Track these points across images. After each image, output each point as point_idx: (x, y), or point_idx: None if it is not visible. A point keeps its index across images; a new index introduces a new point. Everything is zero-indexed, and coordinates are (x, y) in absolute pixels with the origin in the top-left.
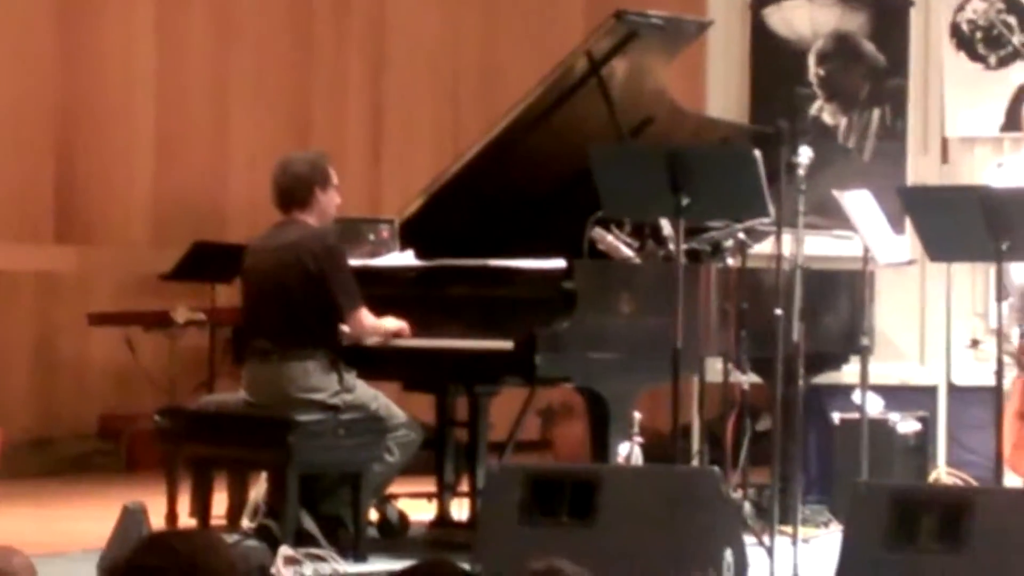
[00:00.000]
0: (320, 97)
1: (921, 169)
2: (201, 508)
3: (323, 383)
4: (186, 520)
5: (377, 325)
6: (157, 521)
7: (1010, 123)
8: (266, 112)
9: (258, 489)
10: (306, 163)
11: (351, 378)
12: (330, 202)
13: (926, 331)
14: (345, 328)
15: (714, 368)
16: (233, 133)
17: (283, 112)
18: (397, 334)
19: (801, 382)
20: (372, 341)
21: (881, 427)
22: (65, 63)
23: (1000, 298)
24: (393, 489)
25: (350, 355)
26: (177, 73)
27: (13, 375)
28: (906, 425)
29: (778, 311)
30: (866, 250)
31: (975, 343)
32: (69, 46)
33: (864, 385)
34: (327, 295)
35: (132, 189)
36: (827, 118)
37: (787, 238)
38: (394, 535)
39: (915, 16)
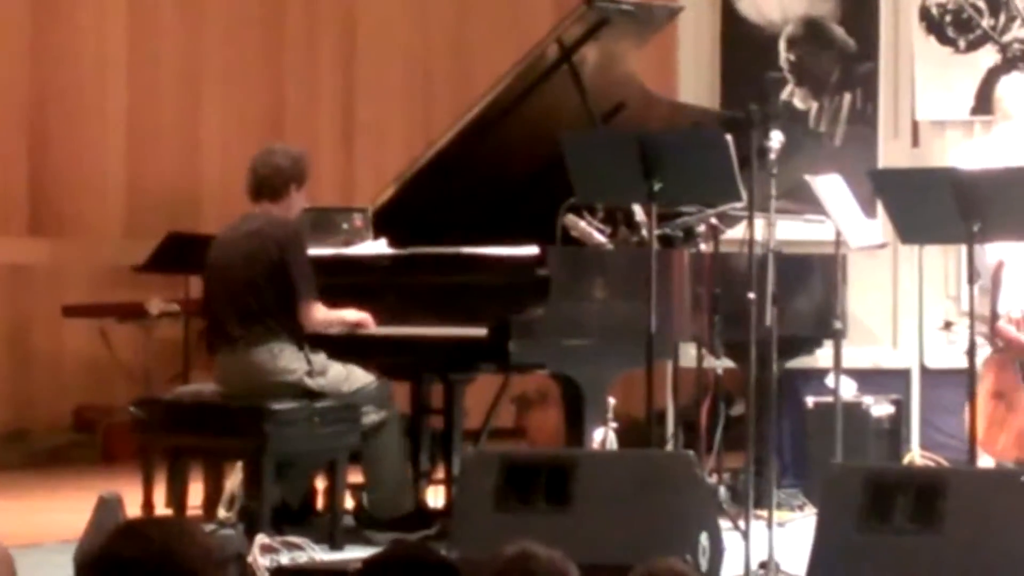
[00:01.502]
0: (292, 87)
1: (892, 153)
2: (177, 498)
3: (291, 364)
4: (162, 510)
5: (328, 317)
6: (133, 511)
7: (980, 106)
8: (238, 102)
9: (233, 479)
10: (288, 157)
11: (320, 359)
12: (299, 201)
13: (898, 314)
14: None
15: (688, 353)
16: (205, 124)
17: (255, 102)
18: (357, 325)
19: (775, 366)
20: (334, 330)
21: (855, 410)
22: (36, 55)
23: (972, 280)
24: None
25: (326, 342)
26: (149, 64)
27: None
28: (879, 408)
29: (751, 295)
30: (838, 234)
31: (948, 325)
32: (41, 38)
33: (837, 369)
34: (288, 280)
35: (105, 180)
36: (798, 103)
37: (759, 223)
38: (369, 523)
39: (884, 0)
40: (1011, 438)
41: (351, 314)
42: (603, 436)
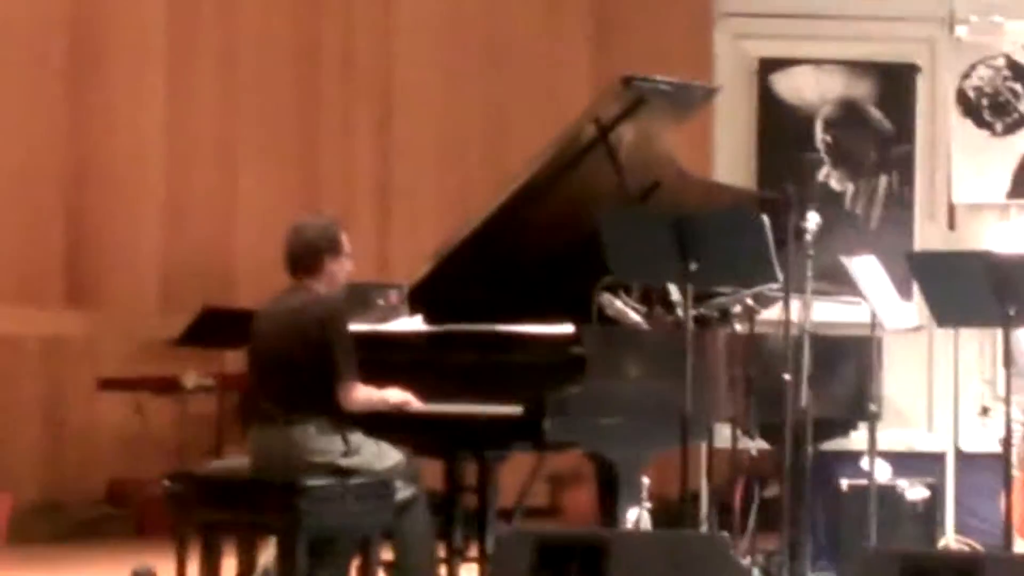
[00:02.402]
0: (327, 158)
1: (928, 236)
2: (210, 573)
3: (327, 446)
4: None
5: (370, 398)
6: None
7: (1016, 189)
8: (274, 175)
9: (267, 554)
10: (317, 230)
11: (356, 438)
12: (340, 269)
13: (934, 397)
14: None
15: (722, 434)
16: (241, 197)
17: (291, 174)
18: (400, 406)
19: (809, 448)
20: (376, 410)
21: (889, 493)
22: (74, 125)
23: (1007, 364)
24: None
25: (361, 418)
26: (185, 136)
27: (21, 440)
28: (914, 492)
29: (786, 377)
30: (874, 316)
31: (985, 410)
32: (78, 108)
33: (872, 451)
34: (329, 360)
35: (141, 253)
36: (834, 184)
37: (795, 304)
38: None
39: (922, 83)
40: None
41: (394, 394)
42: (637, 516)
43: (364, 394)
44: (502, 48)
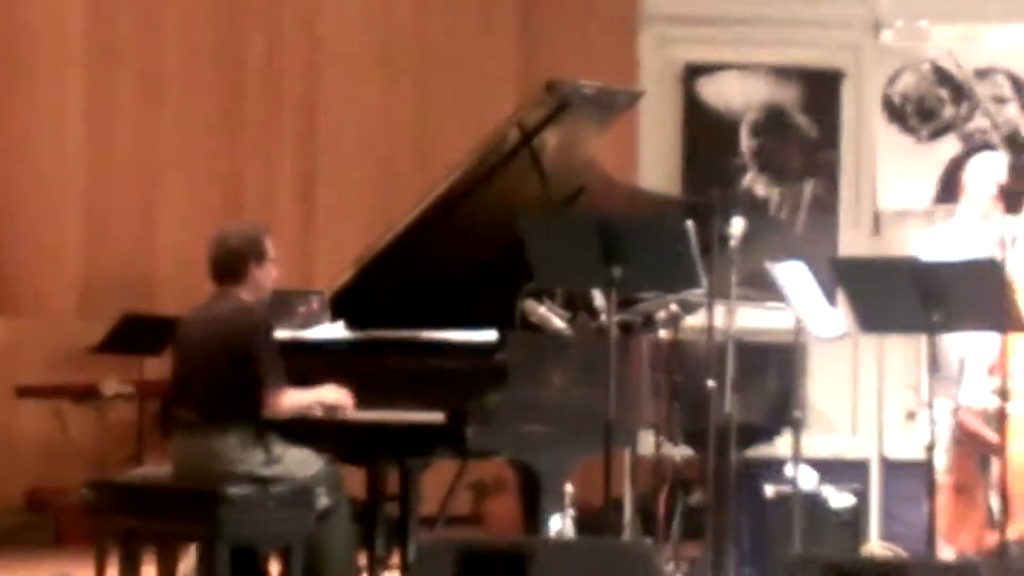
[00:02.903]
0: (250, 169)
1: (853, 241)
2: None
3: (248, 456)
4: None
5: (300, 402)
6: None
7: (942, 195)
8: (196, 183)
9: (187, 563)
10: (241, 238)
11: (278, 448)
12: (265, 276)
13: (859, 404)
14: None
15: (646, 440)
16: (162, 204)
17: (214, 183)
18: (333, 407)
19: (733, 455)
20: (312, 414)
21: (814, 500)
22: None
23: (932, 370)
24: None
25: (280, 426)
26: (106, 143)
27: None
28: (839, 499)
29: (710, 383)
30: (798, 322)
31: (911, 415)
32: None
33: (797, 458)
34: (252, 370)
35: (61, 260)
36: (759, 190)
37: (720, 309)
38: None
39: (847, 89)
40: (972, 533)
41: (329, 394)
42: (560, 524)
43: (293, 400)
44: (429, 54)
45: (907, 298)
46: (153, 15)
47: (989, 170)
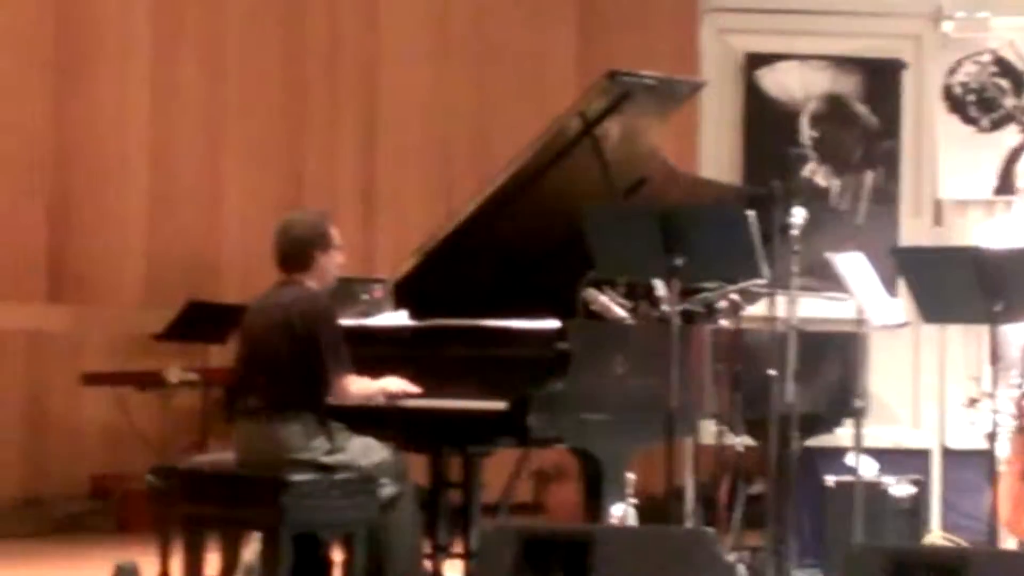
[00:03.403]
0: (313, 155)
1: (914, 231)
2: (193, 568)
3: (312, 444)
4: None
5: (366, 389)
6: None
7: (1003, 186)
8: (259, 170)
9: (250, 549)
10: (306, 225)
11: (341, 436)
12: (330, 263)
13: (920, 394)
14: (329, 396)
15: (708, 430)
16: (226, 192)
17: (276, 170)
18: (397, 396)
19: (795, 444)
20: (375, 402)
21: (875, 490)
22: (59, 119)
23: (994, 360)
24: None
25: (343, 414)
26: (170, 131)
27: (4, 435)
28: (900, 488)
29: (772, 373)
30: (860, 312)
31: (972, 402)
32: (63, 102)
33: (858, 448)
34: (316, 358)
35: (125, 248)
36: (820, 180)
37: (781, 299)
38: None
39: (908, 79)
40: None
41: (392, 383)
42: (622, 512)
43: (358, 387)
44: (488, 44)
45: (969, 288)
46: (217, 6)
47: None
